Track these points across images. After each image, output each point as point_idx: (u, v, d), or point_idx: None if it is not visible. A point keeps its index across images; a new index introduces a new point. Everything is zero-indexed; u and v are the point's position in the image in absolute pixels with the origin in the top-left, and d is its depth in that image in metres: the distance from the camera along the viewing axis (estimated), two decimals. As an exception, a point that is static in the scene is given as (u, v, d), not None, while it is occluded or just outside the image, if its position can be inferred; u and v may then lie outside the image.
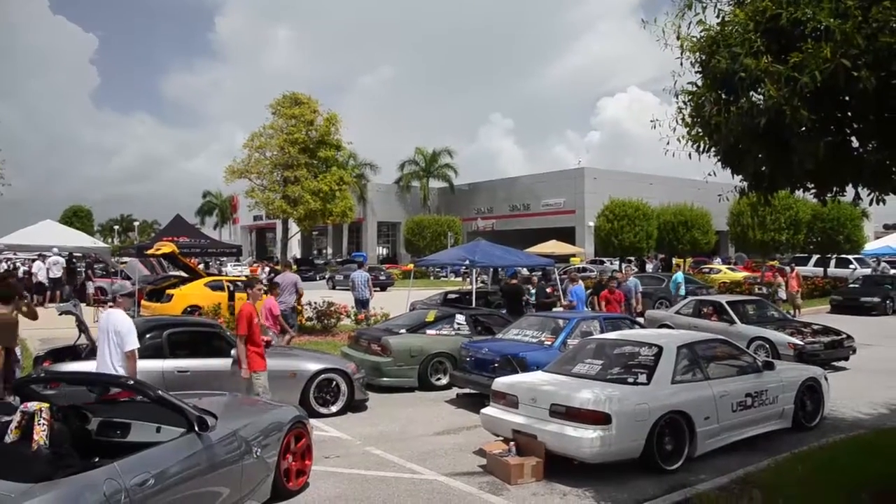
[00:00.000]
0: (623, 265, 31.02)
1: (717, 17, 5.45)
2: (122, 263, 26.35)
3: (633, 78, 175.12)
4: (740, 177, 5.98)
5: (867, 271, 29.03)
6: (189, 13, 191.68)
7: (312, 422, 6.47)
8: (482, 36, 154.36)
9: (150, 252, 18.55)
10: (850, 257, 31.05)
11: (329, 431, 7.93)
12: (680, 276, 19.36)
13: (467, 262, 15.70)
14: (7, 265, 26.22)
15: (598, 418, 6.03)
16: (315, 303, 16.29)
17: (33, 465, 3.71)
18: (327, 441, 7.48)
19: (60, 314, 8.26)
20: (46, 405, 4.05)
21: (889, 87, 4.49)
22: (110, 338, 6.18)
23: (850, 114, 5.11)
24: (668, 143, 5.86)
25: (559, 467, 6.23)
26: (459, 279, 37.21)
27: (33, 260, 24.28)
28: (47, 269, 21.98)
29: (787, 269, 21.13)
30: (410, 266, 38.39)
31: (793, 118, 4.64)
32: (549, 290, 16.89)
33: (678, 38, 5.55)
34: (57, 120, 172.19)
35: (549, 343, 9.28)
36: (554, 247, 38.57)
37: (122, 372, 6.06)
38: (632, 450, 6.18)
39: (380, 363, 10.25)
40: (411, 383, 10.33)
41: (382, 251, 66.00)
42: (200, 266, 22.88)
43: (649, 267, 34.37)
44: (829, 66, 4.39)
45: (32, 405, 4.01)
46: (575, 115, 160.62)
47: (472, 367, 9.46)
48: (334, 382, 8.77)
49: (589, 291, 16.64)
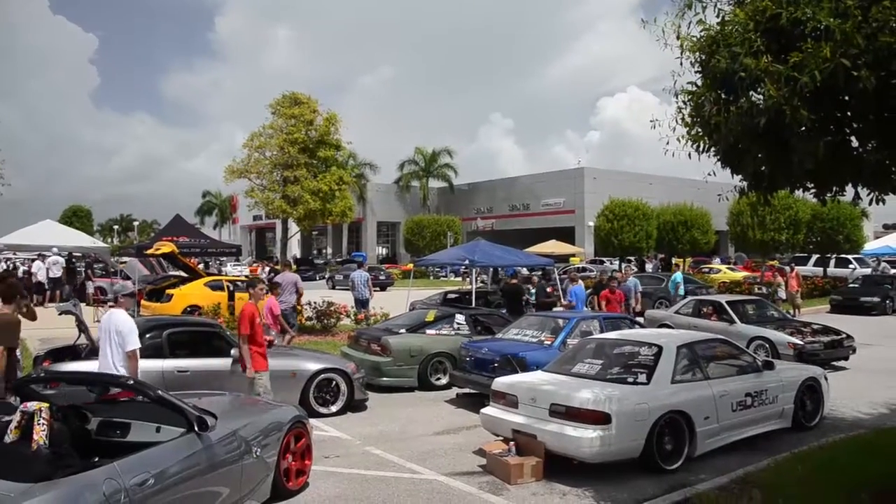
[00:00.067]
0: (623, 265, 31.02)
1: (717, 16, 5.45)
2: (122, 263, 26.36)
3: (632, 78, 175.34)
4: (740, 176, 5.99)
5: (867, 271, 29.03)
6: (189, 13, 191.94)
7: (312, 421, 6.47)
8: (482, 36, 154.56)
9: (149, 252, 18.58)
10: (850, 257, 31.07)
11: (329, 431, 7.93)
12: (678, 276, 19.38)
13: (467, 261, 15.71)
14: (7, 265, 26.18)
15: (597, 418, 6.03)
16: (315, 303, 16.30)
17: (33, 465, 3.70)
18: (327, 441, 7.47)
19: (60, 314, 8.26)
20: (46, 405, 4.05)
21: (889, 86, 4.49)
22: (112, 338, 6.17)
23: (849, 113, 5.11)
24: (667, 143, 5.86)
25: (559, 467, 6.23)
26: (459, 279, 37.21)
27: (33, 260, 24.26)
28: (47, 269, 21.95)
29: (787, 268, 21.15)
30: (410, 266, 38.42)
31: (792, 118, 4.64)
32: (548, 289, 16.91)
33: (678, 37, 5.55)
34: (57, 120, 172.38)
35: (549, 343, 9.28)
36: (553, 247, 38.63)
37: (123, 372, 6.04)
38: (631, 449, 6.19)
39: (379, 363, 10.25)
40: (411, 383, 10.33)
41: (382, 251, 66.00)
42: (200, 266, 22.89)
43: (649, 267, 34.36)
44: (829, 65, 4.39)
45: (32, 405, 4.01)
46: (575, 114, 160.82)
47: (472, 366, 9.46)
48: (334, 382, 8.78)
49: (589, 291, 16.65)
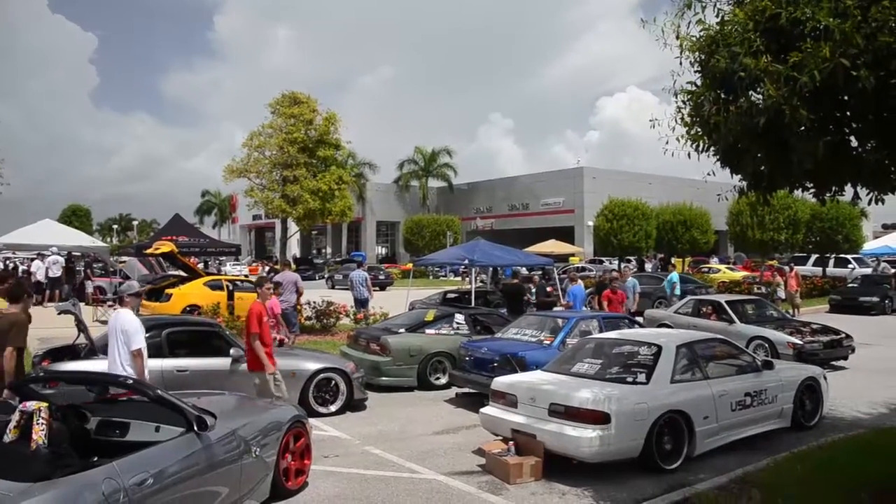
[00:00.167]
0: (622, 265, 31.02)
1: (717, 16, 5.46)
2: (121, 263, 26.40)
3: (632, 77, 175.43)
4: (739, 176, 5.99)
5: (866, 271, 29.04)
6: (188, 12, 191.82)
7: (311, 421, 6.48)
8: (482, 36, 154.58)
9: (149, 251, 18.58)
10: (849, 257, 31.07)
11: (328, 431, 7.92)
12: (675, 275, 19.36)
13: (466, 261, 15.71)
14: (6, 264, 26.17)
15: (597, 418, 6.03)
16: (314, 302, 16.31)
17: (32, 465, 3.70)
18: (326, 440, 7.47)
19: (59, 313, 8.24)
20: (45, 404, 4.05)
21: (888, 86, 4.48)
22: (118, 337, 6.20)
23: (849, 113, 5.11)
24: (667, 143, 5.85)
25: (558, 467, 6.23)
26: (458, 279, 37.21)
27: (32, 259, 24.27)
28: (46, 269, 21.92)
29: (786, 268, 21.14)
30: (409, 265, 38.44)
31: (792, 118, 4.64)
32: (549, 289, 16.91)
33: (677, 37, 5.55)
34: (56, 119, 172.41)
35: (549, 342, 9.27)
36: (553, 246, 38.64)
37: (131, 371, 6.07)
38: (631, 449, 6.19)
39: (379, 362, 10.25)
40: (410, 383, 10.33)
41: (381, 250, 65.99)
42: (199, 265, 22.88)
43: (648, 266, 34.39)
44: (829, 65, 4.39)
45: (31, 404, 4.01)
46: (574, 114, 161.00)
47: (472, 366, 9.45)
48: (333, 382, 8.77)
49: (590, 291, 16.65)
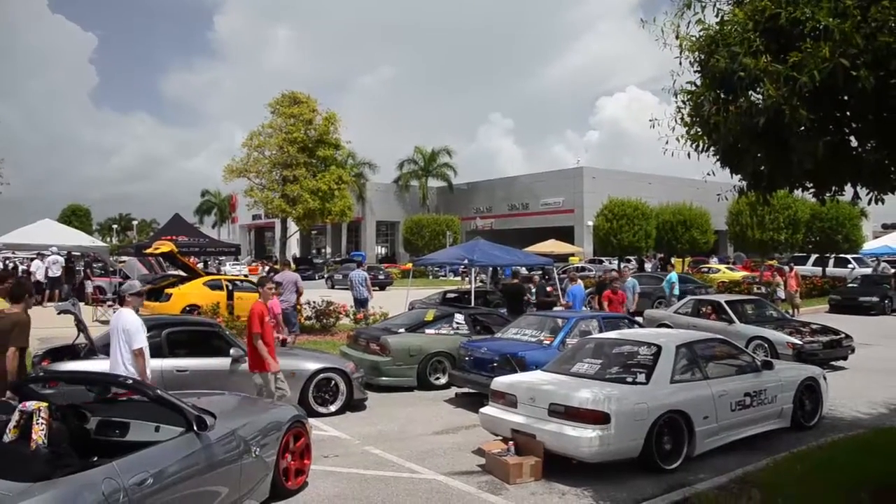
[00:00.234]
0: (622, 265, 31.02)
1: (716, 16, 5.45)
2: (121, 262, 26.40)
3: (632, 77, 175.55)
4: (739, 176, 5.99)
5: (866, 271, 29.03)
6: (188, 12, 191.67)
7: (311, 421, 6.48)
8: (482, 36, 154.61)
9: (148, 251, 18.59)
10: (849, 257, 31.07)
11: (328, 431, 7.92)
12: (673, 275, 19.34)
13: (466, 261, 15.71)
14: (6, 264, 26.16)
15: (596, 418, 6.03)
16: (314, 302, 16.30)
17: (31, 465, 3.70)
18: (326, 440, 7.47)
19: (59, 313, 8.23)
20: (45, 404, 4.05)
21: (888, 86, 4.48)
22: (120, 336, 6.21)
23: (848, 113, 5.11)
24: (666, 143, 5.85)
25: (558, 467, 6.23)
26: (458, 278, 37.20)
27: (32, 259, 24.26)
28: (46, 268, 21.93)
29: (786, 268, 21.13)
30: (409, 265, 38.44)
31: (792, 118, 4.64)
32: (549, 289, 16.91)
33: (677, 37, 5.55)
34: (56, 119, 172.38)
35: (548, 342, 9.27)
36: (553, 246, 38.67)
37: (132, 370, 6.09)
38: (631, 449, 6.19)
39: (379, 362, 10.25)
40: (410, 383, 10.32)
41: (381, 250, 65.99)
42: (199, 265, 22.88)
43: (648, 266, 34.38)
44: (828, 65, 4.39)
45: (31, 404, 4.01)
46: (574, 114, 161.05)
47: (471, 366, 9.45)
48: (333, 382, 8.77)
49: (590, 291, 16.65)
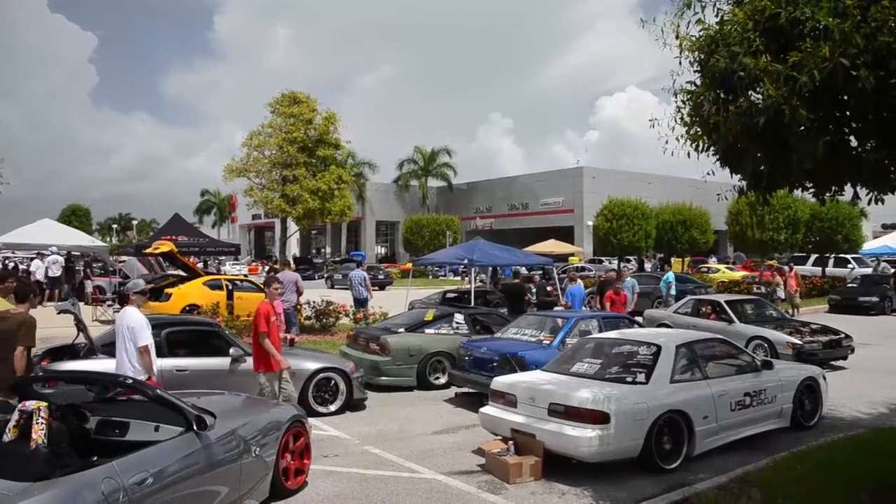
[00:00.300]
0: (622, 264, 31.01)
1: (716, 16, 5.45)
2: (121, 262, 26.38)
3: (631, 77, 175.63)
4: (739, 176, 5.99)
5: (866, 271, 29.03)
6: (188, 12, 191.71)
7: (311, 421, 6.47)
8: (482, 36, 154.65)
9: (148, 251, 18.57)
10: (849, 257, 31.07)
11: (328, 430, 7.92)
12: (671, 275, 19.34)
13: (466, 261, 15.71)
14: (6, 264, 26.15)
15: (596, 417, 6.03)
16: (314, 302, 16.29)
17: (31, 464, 3.70)
18: (326, 440, 7.47)
19: (59, 313, 8.23)
20: (45, 404, 4.05)
21: (888, 86, 4.48)
22: (125, 335, 6.23)
23: (848, 113, 5.11)
24: (666, 143, 5.85)
25: (558, 466, 6.24)
26: (458, 278, 37.20)
27: (31, 259, 24.24)
28: (46, 268, 21.91)
29: (786, 268, 21.14)
30: (409, 265, 38.44)
31: (792, 117, 4.63)
32: (549, 288, 16.91)
33: (677, 37, 5.54)
34: (56, 119, 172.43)
35: (548, 342, 9.27)
36: (552, 246, 38.63)
37: (138, 368, 6.13)
38: (630, 449, 6.19)
39: (378, 362, 10.25)
40: (410, 382, 10.32)
41: (381, 250, 65.98)
42: (199, 265, 22.87)
43: (648, 266, 34.37)
44: (828, 65, 4.39)
45: (31, 404, 4.01)
46: (574, 114, 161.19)
47: (471, 366, 9.45)
48: (333, 381, 8.77)
49: (589, 291, 16.65)
